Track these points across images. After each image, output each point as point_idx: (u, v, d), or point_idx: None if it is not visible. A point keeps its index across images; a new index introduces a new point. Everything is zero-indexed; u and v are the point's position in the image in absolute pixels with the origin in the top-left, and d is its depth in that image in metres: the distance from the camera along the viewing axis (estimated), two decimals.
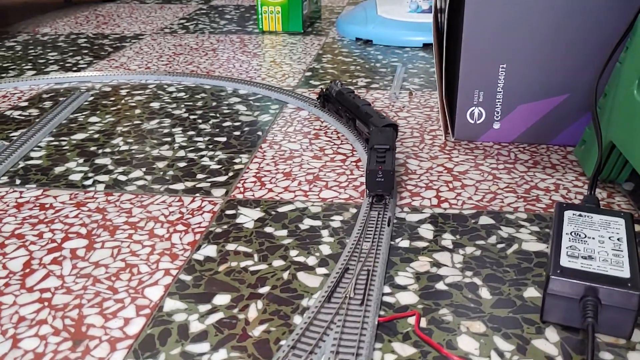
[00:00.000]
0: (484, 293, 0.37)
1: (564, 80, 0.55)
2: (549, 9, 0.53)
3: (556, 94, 0.56)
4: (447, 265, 0.40)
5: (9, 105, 0.71)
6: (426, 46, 0.95)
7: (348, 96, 0.61)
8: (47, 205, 0.48)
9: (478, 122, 0.58)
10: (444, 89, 0.58)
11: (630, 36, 0.47)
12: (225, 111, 0.68)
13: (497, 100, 0.57)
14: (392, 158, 0.47)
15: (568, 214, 0.39)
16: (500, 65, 0.55)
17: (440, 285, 0.38)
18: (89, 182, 0.52)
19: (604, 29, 0.53)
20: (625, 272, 0.33)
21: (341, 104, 0.62)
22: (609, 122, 0.48)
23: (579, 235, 0.37)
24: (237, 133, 0.62)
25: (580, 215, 0.39)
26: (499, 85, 0.56)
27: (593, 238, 0.36)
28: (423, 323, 0.34)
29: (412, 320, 0.34)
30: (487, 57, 0.55)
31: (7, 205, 0.48)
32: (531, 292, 0.37)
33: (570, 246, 0.36)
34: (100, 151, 0.58)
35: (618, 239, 0.36)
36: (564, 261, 0.34)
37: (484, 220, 0.45)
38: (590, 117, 0.56)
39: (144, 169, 0.54)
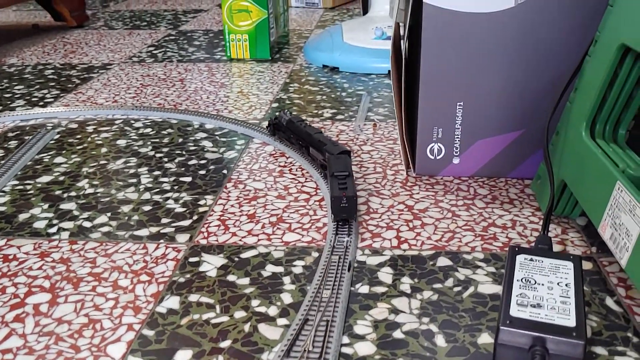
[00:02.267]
0: (440, 340, 0.38)
1: (519, 116, 0.57)
2: (502, 48, 0.54)
3: (512, 130, 0.58)
4: (404, 312, 0.41)
5: None
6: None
7: (299, 125, 0.65)
8: (10, 257, 0.48)
9: (438, 157, 0.59)
10: (404, 122, 0.59)
11: (578, 77, 0.49)
12: (191, 148, 0.69)
13: (455, 137, 0.58)
14: (352, 184, 0.51)
15: (520, 258, 0.41)
16: (458, 103, 0.57)
17: (397, 334, 0.39)
18: (54, 229, 0.52)
19: (556, 67, 0.55)
20: (571, 321, 0.34)
21: (292, 132, 0.65)
22: (561, 161, 0.49)
23: (529, 282, 0.38)
24: (202, 172, 0.63)
25: (531, 259, 0.40)
26: (457, 122, 0.58)
27: (542, 284, 0.38)
28: None
29: None
30: (445, 95, 0.57)
31: None
32: (485, 338, 0.38)
33: (520, 294, 0.37)
34: (65, 195, 0.58)
35: (566, 285, 0.38)
36: (514, 311, 0.35)
37: (442, 261, 0.46)
38: None
39: (109, 214, 0.55)
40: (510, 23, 0.53)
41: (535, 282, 0.38)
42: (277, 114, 0.68)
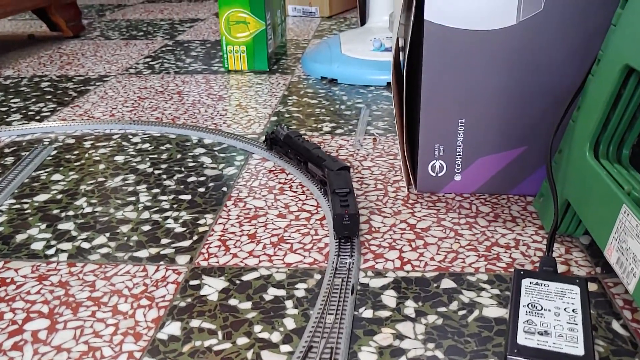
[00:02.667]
0: None
1: (521, 134, 0.57)
2: (504, 65, 0.54)
3: (514, 147, 0.57)
4: (409, 337, 0.40)
5: None
6: (390, 85, 0.96)
7: (296, 140, 0.65)
8: (8, 280, 0.48)
9: (439, 174, 0.59)
10: (404, 139, 0.59)
11: (581, 96, 0.49)
12: (190, 164, 0.68)
13: (457, 154, 0.58)
14: (354, 201, 0.51)
15: (525, 282, 0.40)
16: (459, 120, 0.57)
17: None
18: (52, 250, 0.52)
19: (558, 84, 0.54)
20: (579, 349, 0.34)
21: (290, 147, 0.65)
22: (565, 180, 0.49)
23: (536, 308, 0.38)
24: (202, 190, 0.62)
25: (537, 283, 0.40)
26: (458, 139, 0.57)
27: (549, 310, 0.37)
28: None
29: None
30: (446, 112, 0.56)
31: None
32: None
33: (527, 320, 0.36)
34: (63, 214, 0.58)
35: (573, 310, 0.37)
36: (521, 339, 0.35)
37: (446, 283, 0.46)
38: None
39: (107, 234, 0.54)
40: (511, 41, 0.53)
41: (542, 308, 0.37)
42: (274, 128, 0.68)
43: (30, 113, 0.88)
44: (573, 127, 0.49)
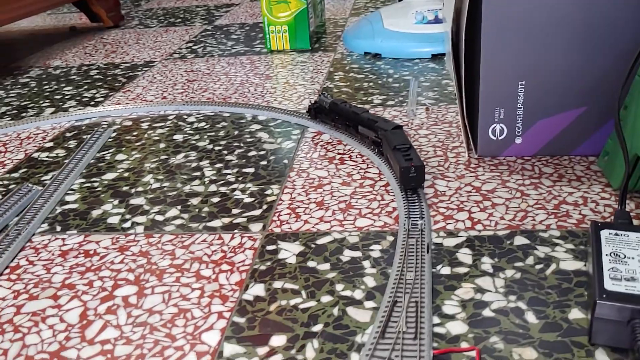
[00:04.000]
0: (530, 317, 0.38)
1: (582, 93, 0.56)
2: (565, 24, 0.54)
3: (575, 107, 0.57)
4: (490, 291, 0.41)
5: (35, 146, 0.73)
6: (435, 57, 0.96)
7: (343, 106, 0.66)
8: (91, 252, 0.50)
9: (500, 138, 0.59)
10: (464, 104, 0.59)
11: None
12: (248, 140, 0.70)
13: (517, 116, 0.58)
14: (416, 154, 0.54)
15: (604, 233, 0.40)
16: (519, 82, 0.57)
17: (486, 312, 0.39)
18: (128, 224, 0.53)
19: (622, 42, 0.54)
20: None
21: (337, 113, 0.67)
22: (633, 135, 0.49)
23: (619, 256, 0.38)
24: (263, 163, 0.63)
25: (616, 234, 0.40)
26: (518, 101, 0.57)
27: (632, 258, 0.38)
28: (475, 352, 0.36)
29: (467, 353, 0.36)
30: (506, 74, 0.56)
31: (53, 255, 0.50)
32: (576, 314, 0.38)
33: (612, 268, 0.37)
34: (133, 190, 0.60)
35: None
36: (608, 285, 0.35)
37: (519, 240, 0.46)
38: (610, 127, 0.57)
39: (179, 207, 0.56)
40: None
41: (625, 256, 0.38)
42: (317, 97, 0.70)
43: (84, 99, 0.90)
44: (639, 82, 0.49)
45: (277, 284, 0.43)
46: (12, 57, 1.22)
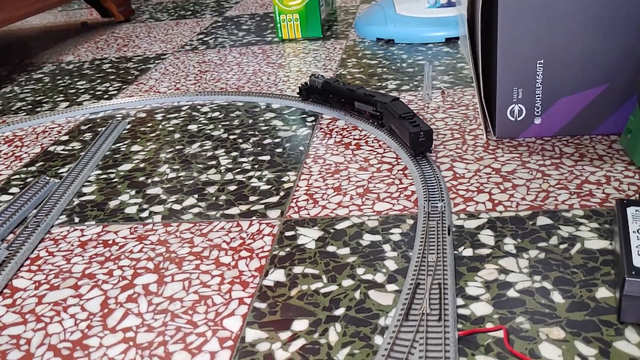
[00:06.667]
0: (557, 297, 0.37)
1: (602, 71, 0.55)
2: (585, 1, 0.53)
3: (595, 85, 0.56)
4: (514, 271, 0.40)
5: (51, 140, 0.73)
6: (449, 41, 0.95)
7: (337, 84, 0.68)
8: (110, 242, 0.49)
9: (519, 118, 0.58)
10: (481, 85, 0.58)
11: None
12: (263, 128, 0.69)
13: (536, 96, 0.57)
14: (422, 120, 0.56)
15: (630, 210, 0.40)
16: (538, 61, 0.56)
17: (511, 293, 0.38)
18: (145, 214, 0.53)
19: None
20: None
21: (331, 92, 0.68)
22: None
23: None
24: (279, 150, 0.63)
25: None
26: (537, 81, 0.56)
27: None
28: (502, 333, 0.35)
29: (493, 333, 0.35)
30: (524, 54, 0.55)
31: (72, 245, 0.50)
32: (603, 293, 0.37)
33: None
34: (149, 181, 0.59)
35: None
36: (637, 261, 0.35)
37: (542, 220, 0.46)
38: (632, 105, 0.56)
39: (196, 196, 0.55)
40: None
41: None
42: (309, 78, 0.71)
43: (98, 92, 0.90)
44: None
45: (297, 269, 0.43)
46: (26, 53, 1.23)
